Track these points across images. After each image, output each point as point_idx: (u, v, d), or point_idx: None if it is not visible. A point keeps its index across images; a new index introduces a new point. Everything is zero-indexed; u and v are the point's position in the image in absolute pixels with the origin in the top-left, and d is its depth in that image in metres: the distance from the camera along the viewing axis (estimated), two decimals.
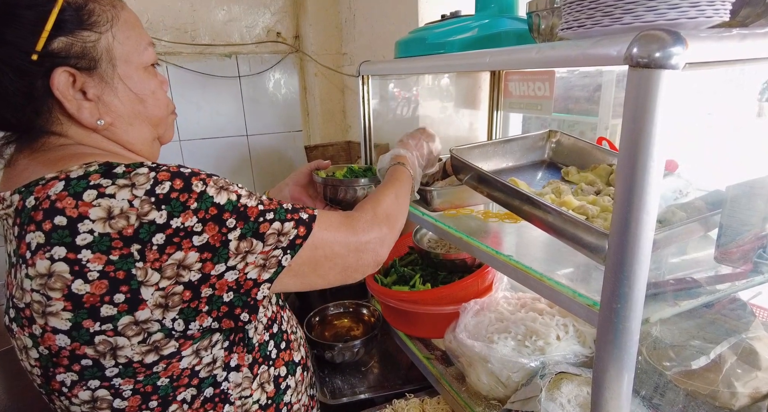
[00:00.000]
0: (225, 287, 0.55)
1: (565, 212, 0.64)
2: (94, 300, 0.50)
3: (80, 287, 0.50)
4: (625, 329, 0.49)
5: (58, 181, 0.52)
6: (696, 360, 0.63)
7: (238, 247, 0.55)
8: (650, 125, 0.43)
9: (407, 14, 1.39)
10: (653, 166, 0.44)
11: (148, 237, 0.50)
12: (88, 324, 0.51)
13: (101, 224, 0.50)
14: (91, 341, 0.52)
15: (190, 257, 0.52)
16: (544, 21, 0.71)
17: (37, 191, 0.52)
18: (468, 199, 0.99)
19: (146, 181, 0.51)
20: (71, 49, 0.54)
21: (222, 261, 0.54)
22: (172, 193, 0.52)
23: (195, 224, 0.52)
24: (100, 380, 0.55)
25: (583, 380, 0.76)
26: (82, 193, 0.50)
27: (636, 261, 0.47)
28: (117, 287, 0.51)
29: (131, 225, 0.50)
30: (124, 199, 0.50)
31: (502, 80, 1.34)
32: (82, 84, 0.56)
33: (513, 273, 0.71)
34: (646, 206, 0.45)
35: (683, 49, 0.40)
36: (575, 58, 0.51)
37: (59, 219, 0.50)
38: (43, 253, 0.50)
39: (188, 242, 0.52)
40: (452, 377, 0.98)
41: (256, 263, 0.56)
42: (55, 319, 0.51)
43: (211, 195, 0.54)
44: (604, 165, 0.91)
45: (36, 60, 0.52)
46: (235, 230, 0.54)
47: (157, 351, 0.55)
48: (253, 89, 1.99)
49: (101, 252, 0.50)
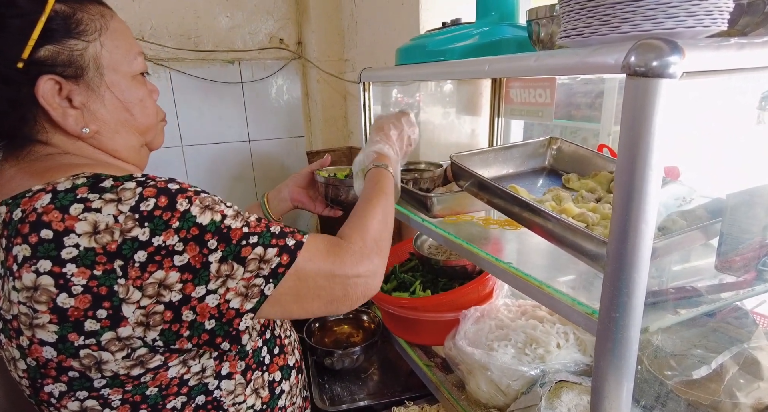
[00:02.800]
0: (207, 314, 0.54)
1: (564, 220, 0.64)
2: (78, 314, 0.50)
3: (65, 300, 0.50)
4: (624, 339, 0.49)
5: (44, 194, 0.51)
6: (697, 370, 0.62)
7: (218, 270, 0.53)
8: (648, 134, 0.42)
9: (408, 21, 1.40)
10: (651, 174, 0.44)
11: (131, 254, 0.50)
12: (73, 337, 0.51)
13: (87, 239, 0.49)
14: (77, 354, 0.52)
15: (171, 277, 0.51)
16: (544, 29, 0.71)
17: (23, 203, 0.51)
18: (468, 205, 0.99)
19: (132, 196, 0.51)
20: (58, 57, 0.54)
21: (203, 283, 0.53)
22: (156, 210, 0.51)
23: (176, 243, 0.52)
24: (88, 391, 0.55)
25: (583, 388, 0.76)
26: (69, 206, 0.50)
27: (635, 270, 0.47)
28: (100, 303, 0.50)
29: (115, 241, 0.50)
30: (110, 214, 0.50)
31: (503, 87, 1.35)
32: (68, 92, 0.56)
33: (513, 281, 0.70)
34: (644, 214, 0.45)
35: (680, 59, 0.40)
36: (573, 67, 0.51)
37: (45, 232, 0.49)
38: (29, 266, 0.49)
39: (169, 261, 0.51)
40: (452, 384, 0.97)
41: (238, 291, 0.55)
42: (42, 331, 0.51)
43: (194, 214, 0.53)
44: (605, 172, 0.91)
45: (22, 68, 0.52)
46: (216, 251, 0.53)
47: (143, 365, 0.55)
48: (255, 95, 2.00)
49: (86, 266, 0.49)
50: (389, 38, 1.55)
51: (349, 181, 0.99)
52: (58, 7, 0.54)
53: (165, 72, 1.82)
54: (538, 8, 0.71)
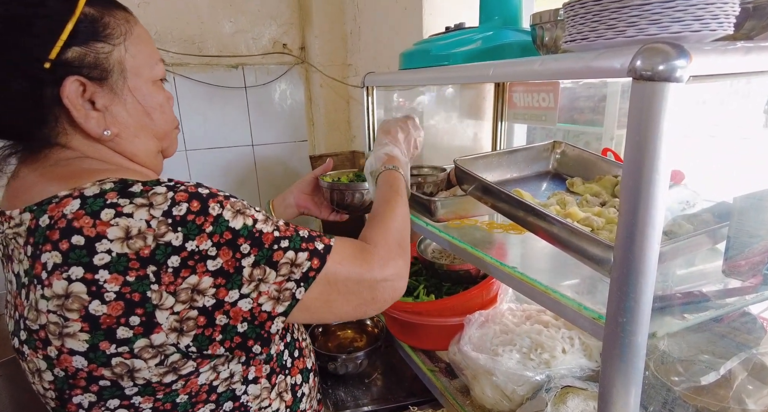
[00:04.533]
0: (239, 317, 0.54)
1: (569, 224, 0.63)
2: (110, 322, 0.50)
3: (97, 308, 0.49)
4: (631, 344, 0.48)
5: (72, 199, 0.51)
6: (706, 376, 0.61)
7: (251, 274, 0.53)
8: (655, 138, 0.42)
9: (412, 26, 1.40)
10: (658, 178, 0.43)
11: (164, 259, 0.50)
12: (105, 346, 0.50)
13: (119, 244, 0.49)
14: (108, 363, 0.51)
15: (204, 282, 0.51)
16: (548, 33, 0.71)
17: (51, 210, 0.51)
18: (472, 209, 0.99)
19: (164, 201, 0.51)
20: (84, 59, 0.55)
21: (236, 288, 0.53)
22: (189, 215, 0.51)
23: (210, 247, 0.51)
24: (119, 399, 0.54)
25: (589, 394, 0.75)
26: (100, 211, 0.49)
27: (642, 274, 0.46)
28: (132, 310, 0.50)
29: (148, 246, 0.49)
30: (142, 219, 0.49)
31: (506, 91, 1.35)
32: (91, 94, 0.56)
33: (517, 285, 0.70)
34: (651, 219, 0.45)
35: (687, 63, 0.40)
36: (578, 71, 0.51)
37: (77, 238, 0.49)
38: (60, 273, 0.49)
39: (203, 265, 0.51)
40: (456, 390, 0.96)
41: (270, 294, 0.55)
42: (73, 340, 0.50)
43: (227, 219, 0.53)
44: (609, 176, 0.90)
45: (48, 68, 0.52)
46: (249, 256, 0.53)
47: (175, 372, 0.55)
48: (259, 100, 2.01)
49: (118, 273, 0.49)
50: (392, 43, 1.55)
51: (353, 185, 0.99)
52: (87, 10, 0.54)
53: (169, 77, 1.83)
54: (542, 12, 0.71)
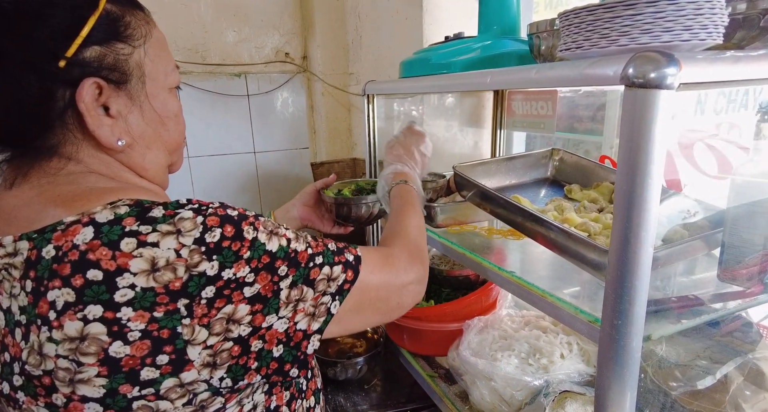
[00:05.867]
0: (275, 340, 0.50)
1: (567, 229, 0.65)
2: (133, 363, 0.44)
3: (119, 349, 0.44)
4: (626, 346, 0.49)
5: (82, 227, 0.45)
6: (702, 380, 0.62)
7: (288, 295, 0.50)
8: (647, 143, 0.44)
9: (412, 36, 1.43)
10: (651, 183, 0.45)
11: (197, 291, 0.45)
12: (126, 389, 0.45)
13: (144, 278, 0.43)
14: (129, 407, 0.46)
15: (240, 310, 0.47)
16: (545, 42, 0.73)
17: (56, 239, 0.44)
18: (471, 215, 1.00)
19: (193, 227, 0.46)
20: (104, 59, 0.49)
21: (273, 312, 0.49)
22: (224, 241, 0.46)
23: (247, 274, 0.47)
24: None
25: (587, 399, 0.75)
26: (119, 242, 0.44)
27: (636, 277, 0.47)
28: (160, 348, 0.44)
29: (179, 278, 0.44)
30: (170, 248, 0.44)
31: (505, 99, 1.36)
32: (106, 99, 0.51)
33: (516, 290, 0.71)
34: (645, 222, 0.46)
35: (677, 70, 0.42)
36: (573, 78, 0.52)
37: (93, 273, 0.43)
38: (73, 313, 0.43)
39: (239, 293, 0.47)
40: (455, 395, 0.97)
41: (306, 311, 0.52)
42: (86, 386, 0.44)
43: (263, 242, 0.49)
44: (607, 183, 0.91)
45: (63, 67, 0.47)
46: (287, 278, 0.50)
47: (203, 410, 0.49)
48: (261, 108, 2.03)
49: (144, 309, 0.43)
50: (393, 52, 1.57)
51: (357, 199, 1.00)
52: (109, 7, 0.50)
53: None
54: (538, 22, 0.73)
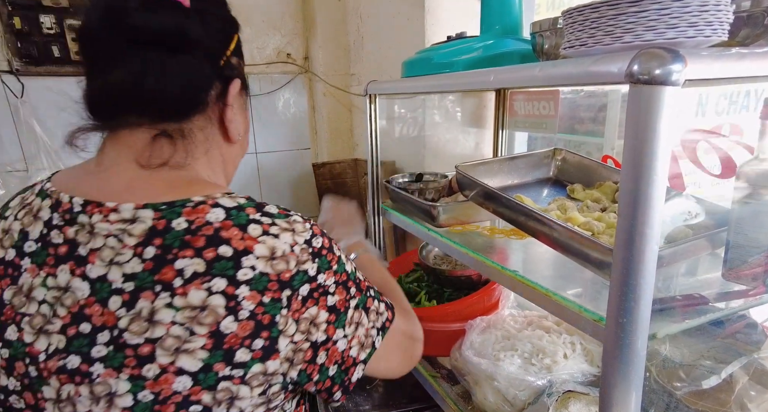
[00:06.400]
0: (333, 358, 0.54)
1: (570, 228, 0.64)
2: (235, 342, 0.47)
3: (229, 325, 0.46)
4: (631, 344, 0.49)
5: (210, 207, 0.49)
6: (707, 380, 0.62)
7: (353, 316, 0.55)
8: (652, 140, 0.43)
9: (414, 37, 1.43)
10: (656, 180, 0.44)
11: (299, 285, 0.49)
12: (219, 367, 0.47)
13: (263, 262, 0.48)
14: (214, 387, 0.47)
15: (321, 316, 0.51)
16: (548, 41, 0.72)
17: (186, 214, 0.49)
18: (474, 215, 1.00)
19: (304, 230, 0.52)
20: (240, 67, 0.61)
21: (341, 327, 0.54)
22: (323, 250, 0.53)
23: (332, 284, 0.53)
24: None
25: (591, 399, 0.75)
26: (247, 226, 0.49)
27: (641, 275, 0.47)
28: (259, 332, 0.47)
29: (289, 270, 0.49)
30: (287, 243, 0.50)
31: (507, 99, 1.36)
32: (236, 98, 0.60)
33: (519, 289, 0.70)
34: (650, 219, 0.46)
35: (683, 67, 0.41)
36: (577, 76, 0.52)
37: (224, 249, 0.47)
38: (200, 283, 0.46)
39: (324, 300, 0.52)
40: (458, 395, 0.96)
41: (360, 339, 0.56)
42: (188, 358, 0.46)
43: (344, 262, 0.56)
44: (610, 183, 0.91)
45: (223, 65, 0.57)
46: (354, 298, 0.56)
47: (268, 404, 0.52)
48: (263, 108, 2.04)
49: (257, 291, 0.47)
50: (395, 53, 1.57)
51: None
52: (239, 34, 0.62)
53: None
54: (541, 21, 0.73)
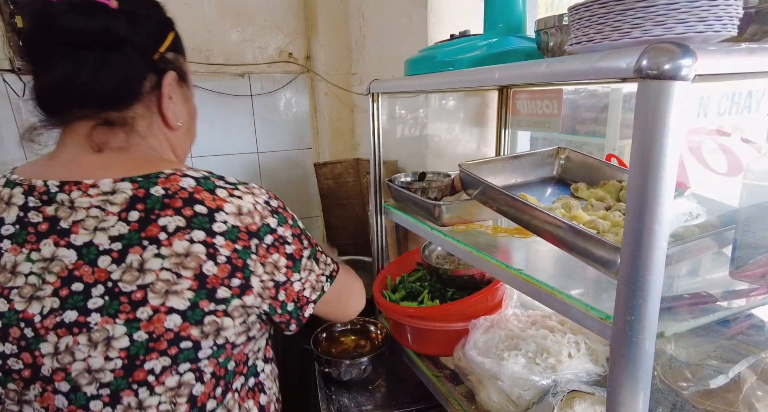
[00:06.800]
0: (291, 297, 0.66)
1: (576, 226, 0.64)
2: (216, 282, 0.58)
3: (210, 268, 0.57)
4: (639, 342, 0.48)
5: (181, 177, 0.60)
6: (714, 379, 0.61)
7: (305, 264, 0.68)
8: (661, 136, 0.43)
9: (417, 36, 1.42)
10: (665, 177, 0.44)
11: (264, 235, 0.62)
12: (204, 304, 0.57)
13: (233, 218, 0.60)
14: (201, 322, 0.58)
15: (281, 261, 0.64)
16: (553, 38, 0.72)
17: (161, 183, 0.59)
18: (477, 214, 0.99)
19: (261, 194, 0.65)
20: (176, 62, 0.69)
21: (297, 271, 0.66)
22: (279, 208, 0.66)
23: (289, 236, 0.65)
24: (191, 363, 0.59)
25: (596, 399, 0.74)
26: (215, 189, 0.60)
27: (649, 272, 0.46)
28: (235, 273, 0.59)
29: (255, 223, 0.61)
30: (250, 202, 0.62)
31: (510, 98, 1.36)
32: (173, 90, 0.68)
33: (524, 287, 0.70)
34: (658, 216, 0.45)
35: (693, 61, 0.41)
36: (584, 72, 0.52)
37: (200, 208, 0.58)
38: (182, 234, 0.57)
39: (283, 248, 0.64)
40: (461, 395, 0.96)
41: (312, 283, 0.69)
42: (177, 298, 0.56)
43: (297, 220, 0.69)
44: (614, 181, 0.90)
45: (157, 59, 0.65)
46: (307, 249, 0.69)
47: (248, 332, 0.64)
48: (264, 108, 2.03)
49: (231, 240, 0.59)
50: (397, 52, 1.57)
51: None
52: (175, 33, 0.70)
53: None
54: (546, 18, 0.72)
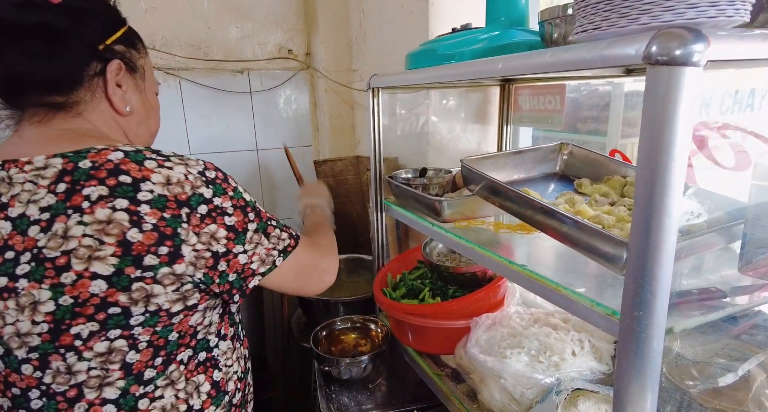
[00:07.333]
0: (234, 268, 0.67)
1: (581, 221, 0.62)
2: (141, 249, 0.58)
3: (134, 235, 0.57)
4: (648, 338, 0.47)
5: (111, 151, 0.60)
6: (723, 377, 0.59)
7: (251, 237, 0.68)
8: (671, 124, 0.41)
9: (418, 31, 1.41)
10: (675, 167, 0.42)
11: (196, 205, 0.62)
12: (130, 271, 0.58)
13: (161, 187, 0.59)
14: (128, 288, 0.58)
15: (220, 232, 0.64)
16: (557, 29, 0.71)
17: (91, 157, 0.60)
18: (479, 210, 0.98)
19: (197, 165, 0.65)
20: (126, 54, 0.72)
21: (240, 244, 0.66)
22: (217, 180, 0.65)
23: (229, 207, 0.65)
24: (122, 329, 0.60)
25: (601, 397, 0.73)
26: (143, 161, 0.60)
27: (658, 266, 0.45)
28: (163, 241, 0.59)
29: (185, 192, 0.61)
30: (181, 172, 0.62)
31: (512, 94, 1.34)
32: (121, 78, 0.71)
33: (528, 283, 0.68)
34: (667, 208, 0.44)
35: (705, 47, 0.39)
36: (591, 61, 0.50)
37: (124, 177, 0.58)
38: (105, 203, 0.57)
39: (221, 219, 0.64)
40: (463, 394, 0.94)
41: (260, 256, 0.69)
42: (100, 263, 0.57)
43: (241, 191, 0.69)
44: (618, 177, 0.89)
45: (102, 49, 0.68)
46: (252, 222, 0.69)
47: (184, 301, 0.64)
48: (264, 105, 2.02)
49: (158, 209, 0.59)
50: (398, 48, 1.56)
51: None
52: (129, 31, 0.74)
53: (175, 81, 1.84)
54: (550, 8, 0.71)
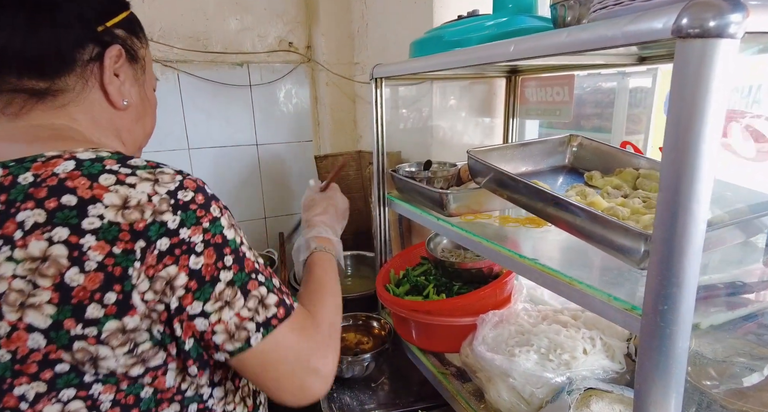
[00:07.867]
0: (189, 332, 0.51)
1: (597, 213, 0.59)
2: (83, 296, 0.46)
3: (74, 276, 0.45)
4: (673, 334, 0.44)
5: (63, 160, 0.48)
6: (748, 377, 0.56)
7: (222, 292, 0.51)
8: (703, 102, 0.38)
9: (422, 21, 1.37)
10: (705, 148, 0.39)
11: (156, 238, 0.47)
12: (70, 325, 0.46)
13: (113, 212, 0.46)
14: (70, 346, 0.46)
15: (180, 278, 0.49)
16: (571, 12, 0.67)
17: (35, 168, 0.48)
18: (486, 203, 0.95)
19: (171, 181, 0.50)
20: (126, 40, 0.63)
21: (202, 300, 0.50)
22: (192, 204, 0.50)
23: (199, 242, 0.50)
24: (76, 389, 0.49)
25: (614, 397, 0.70)
26: (98, 175, 0.48)
27: (685, 257, 0.42)
28: (111, 285, 0.46)
29: (144, 220, 0.47)
30: (144, 192, 0.48)
31: (518, 86, 1.31)
32: (120, 66, 0.61)
33: (539, 278, 0.65)
34: (697, 194, 0.40)
35: (743, 17, 0.36)
36: (612, 38, 0.47)
37: (68, 198, 0.46)
38: (41, 233, 0.45)
39: (186, 259, 0.49)
40: (469, 393, 0.91)
41: (228, 327, 0.51)
42: (35, 313, 0.45)
43: (223, 225, 0.52)
44: (630, 169, 0.86)
45: (100, 31, 0.58)
46: (228, 270, 0.52)
47: (144, 363, 0.51)
48: (264, 98, 1.98)
49: (106, 241, 0.46)
50: (401, 39, 1.52)
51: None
52: (132, 16, 0.65)
53: (173, 74, 1.80)
54: None
